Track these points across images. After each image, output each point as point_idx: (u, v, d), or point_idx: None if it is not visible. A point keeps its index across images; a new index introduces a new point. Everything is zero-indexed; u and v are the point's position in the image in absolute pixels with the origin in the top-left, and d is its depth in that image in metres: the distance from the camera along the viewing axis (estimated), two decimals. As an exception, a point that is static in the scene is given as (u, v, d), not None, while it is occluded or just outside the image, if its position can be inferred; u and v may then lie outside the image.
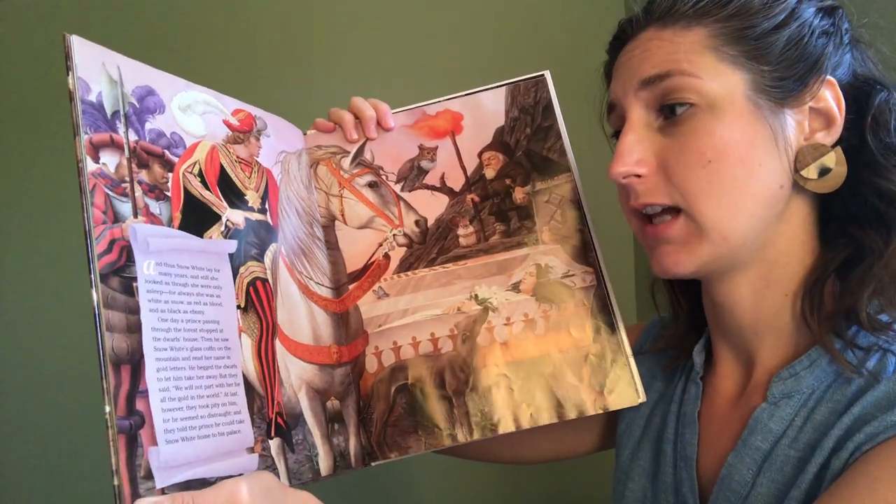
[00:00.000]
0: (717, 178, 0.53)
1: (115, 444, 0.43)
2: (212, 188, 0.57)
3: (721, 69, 0.54)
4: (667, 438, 0.64)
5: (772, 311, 0.57)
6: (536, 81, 0.71)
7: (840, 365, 0.52)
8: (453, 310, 0.66)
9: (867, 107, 0.55)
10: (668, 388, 0.68)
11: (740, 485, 0.54)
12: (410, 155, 0.71)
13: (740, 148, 0.53)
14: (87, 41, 0.50)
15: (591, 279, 0.66)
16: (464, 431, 0.63)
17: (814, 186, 0.54)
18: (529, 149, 0.70)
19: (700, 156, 0.54)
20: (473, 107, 0.71)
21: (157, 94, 0.55)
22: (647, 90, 0.56)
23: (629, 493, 0.67)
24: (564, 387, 0.63)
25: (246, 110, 0.64)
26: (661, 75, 0.55)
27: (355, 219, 0.69)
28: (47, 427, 1.30)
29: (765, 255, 0.56)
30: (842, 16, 0.57)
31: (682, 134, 0.55)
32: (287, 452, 0.56)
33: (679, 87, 0.54)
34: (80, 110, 0.48)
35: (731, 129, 0.53)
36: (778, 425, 0.54)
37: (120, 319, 0.45)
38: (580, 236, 0.67)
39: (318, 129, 0.72)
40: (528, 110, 0.70)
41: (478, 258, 0.68)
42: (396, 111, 0.72)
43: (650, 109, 0.57)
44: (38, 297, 1.34)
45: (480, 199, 0.69)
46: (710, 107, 0.54)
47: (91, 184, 0.47)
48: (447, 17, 1.44)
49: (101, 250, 0.46)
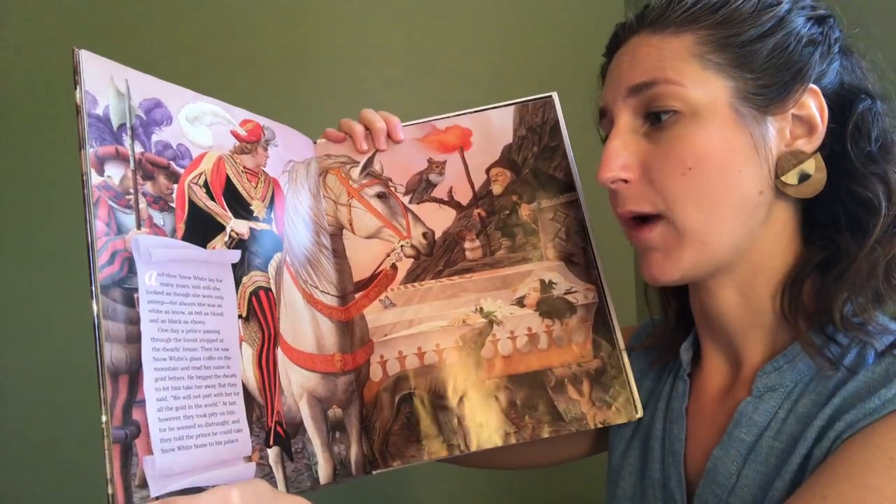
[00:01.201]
0: (696, 184, 0.54)
1: (110, 453, 0.44)
2: (217, 199, 0.58)
3: (705, 77, 0.54)
4: (654, 435, 0.65)
5: (757, 311, 0.58)
6: (544, 102, 0.73)
7: (816, 364, 0.54)
8: (459, 322, 0.67)
9: (850, 114, 0.56)
10: (656, 386, 0.69)
11: (725, 477, 0.56)
12: (419, 168, 0.72)
13: (720, 155, 0.54)
14: (96, 55, 0.51)
15: (592, 296, 0.67)
16: (465, 442, 0.64)
17: (794, 192, 0.55)
18: (536, 167, 0.71)
19: (681, 163, 0.54)
20: (482, 124, 0.72)
21: (165, 105, 0.56)
22: (635, 97, 0.57)
23: (620, 492, 0.68)
24: (565, 400, 0.64)
25: (254, 120, 0.65)
26: (648, 83, 0.56)
27: (363, 228, 0.70)
28: (46, 434, 1.29)
29: (749, 258, 0.57)
30: (832, 24, 0.58)
31: (665, 141, 0.56)
32: (285, 461, 0.57)
33: (664, 95, 0.55)
34: (86, 124, 0.49)
35: (712, 136, 0.54)
36: (762, 418, 0.55)
37: (119, 330, 0.46)
38: (583, 254, 0.68)
39: (328, 139, 0.72)
40: (535, 129, 0.72)
41: (483, 272, 0.68)
42: (407, 124, 0.73)
43: (637, 115, 0.58)
44: (39, 304, 1.33)
45: (487, 214, 0.70)
46: (693, 114, 0.54)
47: (95, 196, 0.48)
48: (457, 27, 1.45)
49: (103, 262, 0.47)
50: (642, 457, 0.66)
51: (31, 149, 1.37)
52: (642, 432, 0.68)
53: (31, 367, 1.32)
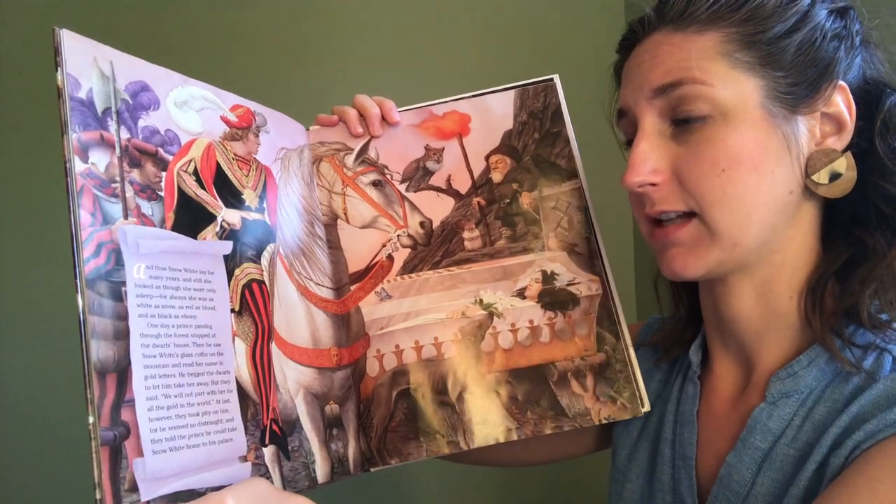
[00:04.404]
0: (731, 185, 0.53)
1: (98, 456, 0.41)
2: (207, 187, 0.55)
3: (734, 76, 0.53)
4: (664, 438, 0.64)
5: (775, 313, 0.57)
6: (546, 86, 0.70)
7: (839, 362, 0.52)
8: (457, 314, 0.65)
9: (877, 110, 0.55)
10: (664, 388, 0.68)
11: (740, 484, 0.55)
12: (416, 155, 0.69)
13: (754, 156, 0.53)
14: (78, 35, 0.48)
15: (596, 287, 0.65)
16: (465, 439, 0.62)
17: (824, 191, 0.54)
18: (537, 154, 0.68)
19: (714, 165, 0.53)
20: (481, 109, 0.70)
21: (152, 89, 0.53)
22: (660, 98, 0.55)
23: (626, 494, 0.67)
24: (568, 395, 0.62)
25: (245, 106, 0.62)
26: (673, 84, 0.54)
27: (358, 218, 0.68)
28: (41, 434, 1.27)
29: (772, 259, 0.56)
30: (853, 17, 0.56)
31: (695, 143, 0.54)
32: (282, 460, 0.54)
33: (691, 96, 0.53)
34: (68, 107, 0.46)
35: (744, 137, 0.53)
36: (777, 424, 0.54)
37: (106, 326, 0.44)
38: (586, 244, 0.66)
39: (320, 124, 0.70)
40: (536, 115, 0.69)
41: (483, 262, 0.66)
42: (403, 110, 0.70)
43: (663, 117, 0.56)
44: (32, 300, 1.30)
45: (487, 203, 0.68)
46: (723, 115, 0.53)
47: (79, 185, 0.45)
48: (454, 13, 1.42)
49: (89, 254, 0.44)
50: (651, 459, 0.65)
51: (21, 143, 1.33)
52: (651, 434, 0.66)
53: (31, 368, 1.29)
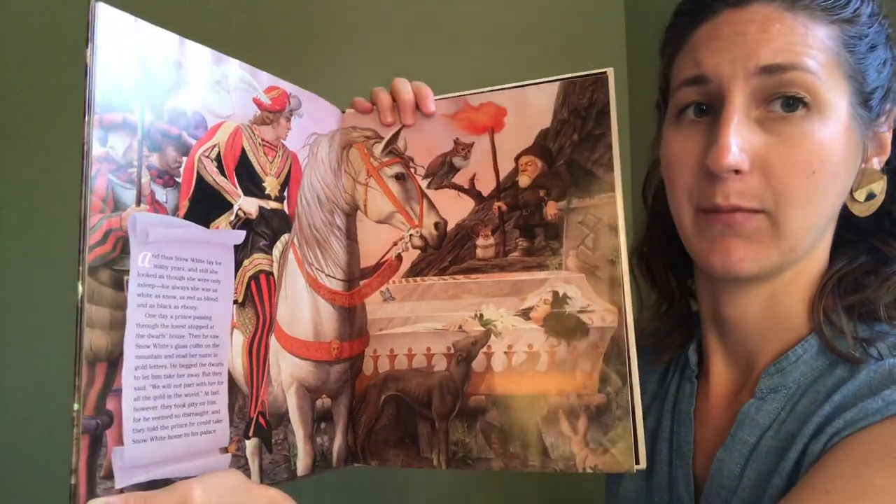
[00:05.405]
0: (815, 189, 0.51)
1: (78, 443, 0.43)
2: (228, 174, 0.55)
3: (836, 75, 0.51)
4: (661, 437, 0.64)
5: (782, 315, 0.57)
6: (596, 79, 0.61)
7: (831, 352, 0.54)
8: (455, 326, 0.63)
9: None
10: (661, 388, 0.67)
11: (729, 479, 0.55)
12: (444, 148, 0.66)
13: (838, 161, 0.52)
14: (114, 9, 0.48)
15: (611, 319, 0.58)
16: (439, 459, 0.61)
17: (858, 209, 0.55)
18: (572, 158, 0.62)
19: (807, 164, 0.51)
20: (520, 102, 0.64)
21: (185, 67, 0.52)
22: (761, 77, 0.51)
23: (623, 492, 0.67)
24: (555, 434, 0.58)
25: (280, 88, 0.61)
26: (785, 66, 0.50)
27: (376, 212, 0.66)
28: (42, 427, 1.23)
29: (797, 266, 0.56)
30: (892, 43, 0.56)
31: (790, 136, 0.51)
32: (263, 452, 0.56)
33: (800, 84, 0.50)
34: (94, 87, 0.46)
35: (835, 140, 0.51)
36: (765, 419, 0.55)
37: (103, 315, 0.45)
38: (610, 269, 0.59)
39: (355, 109, 0.68)
40: (579, 113, 0.62)
41: (492, 274, 0.63)
42: (439, 98, 0.67)
43: (756, 98, 0.52)
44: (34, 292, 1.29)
45: (508, 209, 0.63)
46: (821, 113, 0.51)
47: (94, 169, 0.45)
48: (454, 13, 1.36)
49: (95, 241, 0.45)
50: (648, 458, 0.65)
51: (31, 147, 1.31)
52: (648, 433, 0.66)
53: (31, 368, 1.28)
